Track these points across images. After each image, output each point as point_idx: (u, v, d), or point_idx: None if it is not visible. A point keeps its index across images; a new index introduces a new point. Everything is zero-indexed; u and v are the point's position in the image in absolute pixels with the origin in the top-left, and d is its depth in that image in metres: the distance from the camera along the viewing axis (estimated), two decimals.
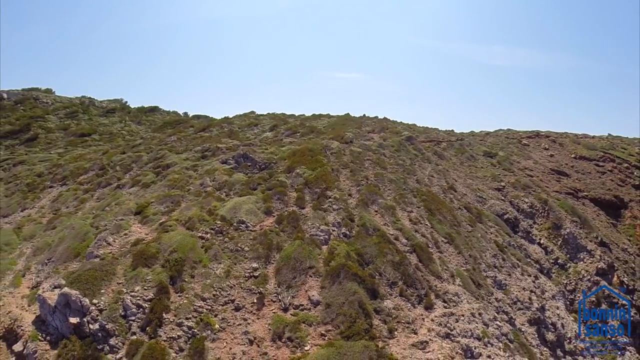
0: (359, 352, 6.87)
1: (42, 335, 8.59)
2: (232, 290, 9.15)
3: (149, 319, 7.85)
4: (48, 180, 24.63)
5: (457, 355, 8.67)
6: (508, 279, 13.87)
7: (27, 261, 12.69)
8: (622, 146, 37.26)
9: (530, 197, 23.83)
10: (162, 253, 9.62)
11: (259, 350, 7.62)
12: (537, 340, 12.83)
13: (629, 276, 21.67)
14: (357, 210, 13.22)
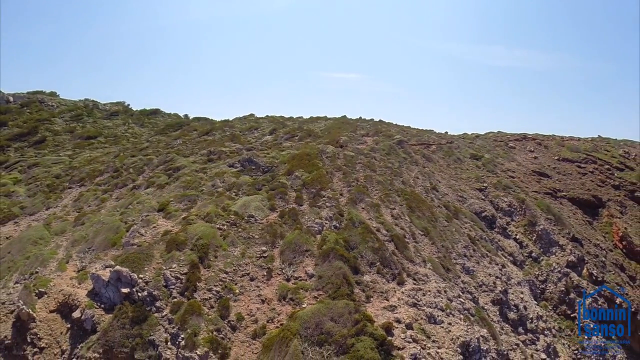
0: (342, 307, 9.64)
1: (96, 304, 11.38)
2: (247, 266, 11.95)
3: (186, 287, 10.62)
4: (66, 182, 27.38)
5: (421, 319, 11.47)
6: (476, 266, 16.69)
7: (66, 251, 15.44)
8: (605, 148, 40.10)
9: (509, 197, 26.66)
10: (189, 240, 12.41)
11: (268, 307, 10.42)
12: (499, 317, 15.65)
13: (598, 269, 24.46)
14: (347, 207, 16.03)
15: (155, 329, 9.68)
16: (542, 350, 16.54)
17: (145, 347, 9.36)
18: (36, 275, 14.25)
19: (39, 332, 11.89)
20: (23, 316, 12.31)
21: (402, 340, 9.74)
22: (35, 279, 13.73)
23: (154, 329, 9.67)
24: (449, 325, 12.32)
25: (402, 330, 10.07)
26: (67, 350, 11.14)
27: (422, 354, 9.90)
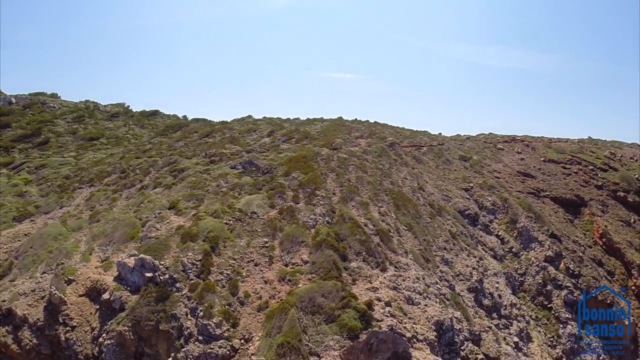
0: (331, 287, 11.86)
1: (123, 287, 13.59)
2: (252, 254, 14.17)
3: (201, 270, 12.82)
4: (76, 182, 29.53)
5: (400, 300, 13.71)
6: (454, 258, 18.97)
7: (88, 245, 17.63)
8: (591, 150, 42.44)
9: (493, 196, 28.99)
10: (201, 233, 14.62)
11: (270, 287, 12.65)
12: (474, 303, 17.92)
13: (575, 263, 26.72)
14: (338, 205, 18.27)
15: (176, 305, 11.89)
16: (514, 334, 18.80)
17: (168, 320, 11.57)
18: (62, 266, 16.42)
19: (70, 313, 14.08)
20: (55, 300, 14.48)
21: (381, 314, 11.98)
22: (62, 269, 15.90)
23: (176, 305, 11.87)
24: (425, 307, 14.58)
25: (381, 307, 12.31)
26: (96, 328, 13.33)
27: (398, 326, 12.15)
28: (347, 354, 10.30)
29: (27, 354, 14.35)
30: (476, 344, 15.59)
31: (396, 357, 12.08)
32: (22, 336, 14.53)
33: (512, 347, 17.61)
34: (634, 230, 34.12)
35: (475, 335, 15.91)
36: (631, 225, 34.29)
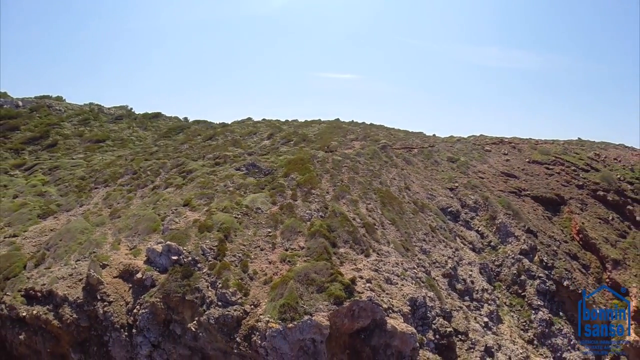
0: (322, 266, 15.29)
1: (153, 269, 17.03)
2: (258, 242, 17.61)
3: (218, 253, 16.25)
4: (92, 183, 32.97)
5: (379, 279, 17.15)
6: (432, 249, 22.43)
7: (114, 236, 21.07)
8: (575, 151, 45.95)
9: (475, 195, 32.48)
10: (215, 225, 18.05)
11: (274, 266, 16.07)
12: (447, 287, 21.38)
13: (549, 256, 30.16)
14: (331, 202, 21.73)
15: (198, 280, 15.32)
16: (485, 315, 22.25)
17: (192, 292, 15.00)
18: (95, 254, 19.85)
19: (107, 291, 17.51)
20: (92, 281, 17.92)
21: (362, 288, 15.43)
22: (96, 256, 19.33)
23: (198, 280, 15.30)
24: (402, 286, 18.04)
25: (363, 283, 15.76)
26: (130, 302, 16.77)
27: (376, 298, 15.61)
28: (334, 316, 13.73)
29: (67, 327, 17.75)
30: (447, 319, 19.03)
31: (374, 324, 15.54)
32: (63, 312, 17.92)
33: (481, 325, 21.05)
34: (612, 227, 37.47)
35: (446, 312, 19.36)
36: (609, 223, 37.60)
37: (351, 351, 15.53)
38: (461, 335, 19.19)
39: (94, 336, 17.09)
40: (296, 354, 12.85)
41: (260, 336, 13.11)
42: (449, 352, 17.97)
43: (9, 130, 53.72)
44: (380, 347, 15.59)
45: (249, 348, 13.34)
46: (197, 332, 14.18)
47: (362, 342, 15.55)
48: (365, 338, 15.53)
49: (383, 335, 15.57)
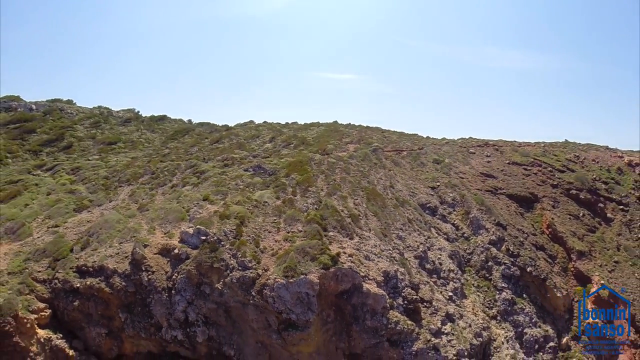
0: (315, 243, 21.76)
1: (186, 246, 23.52)
2: (266, 227, 24.09)
3: (236, 234, 22.71)
4: (115, 182, 39.46)
5: (360, 256, 23.61)
6: (407, 236, 28.91)
7: (149, 225, 27.54)
8: (554, 153, 52.41)
9: (454, 193, 38.97)
10: (232, 214, 24.53)
11: (279, 244, 22.56)
12: (417, 266, 27.83)
13: (515, 246, 36.53)
14: (324, 198, 28.23)
15: (223, 253, 21.80)
16: (449, 291, 28.69)
17: (218, 261, 21.46)
18: (135, 237, 26.31)
19: (150, 264, 23.97)
20: (137, 257, 24.39)
21: (345, 260, 21.92)
22: (137, 239, 25.79)
23: (222, 253, 21.78)
24: (378, 262, 24.51)
25: (346, 257, 22.25)
26: (169, 271, 23.26)
27: (356, 268, 22.08)
28: (322, 277, 20.19)
29: (117, 293, 24.21)
30: (414, 290, 25.49)
31: (354, 287, 22.01)
32: (113, 281, 24.39)
33: (445, 297, 27.50)
34: (581, 223, 43.98)
35: (414, 284, 25.82)
36: (579, 219, 44.09)
37: (336, 308, 22.02)
38: (426, 303, 25.65)
39: (139, 299, 23.58)
40: (295, 302, 19.34)
41: (269, 289, 19.60)
42: (415, 315, 24.42)
43: (26, 133, 60.12)
44: (358, 305, 22.08)
45: (260, 299, 19.84)
46: (222, 290, 20.68)
47: (344, 301, 22.05)
48: (347, 298, 22.03)
49: (360, 296, 22.05)
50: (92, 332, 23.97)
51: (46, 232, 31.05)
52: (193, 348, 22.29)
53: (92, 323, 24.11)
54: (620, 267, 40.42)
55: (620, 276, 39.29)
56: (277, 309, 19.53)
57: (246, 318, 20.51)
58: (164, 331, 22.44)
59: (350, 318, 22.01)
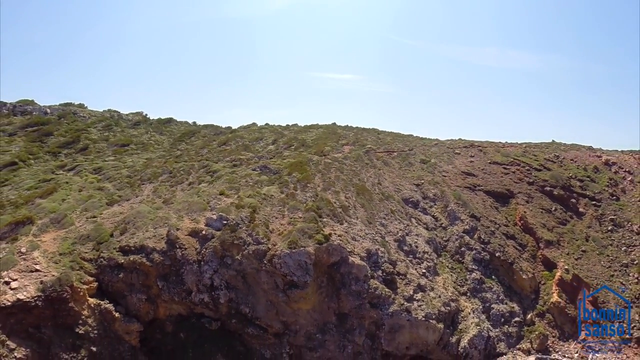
0: (312, 225, 30.30)
1: (211, 229, 32.10)
2: (274, 214, 32.69)
3: (250, 219, 31.29)
4: (138, 180, 47.96)
5: (347, 237, 32.15)
6: (389, 224, 37.45)
7: (176, 214, 36.05)
8: (533, 153, 60.93)
9: (435, 189, 47.52)
10: (245, 205, 33.13)
11: (284, 226, 31.08)
12: (396, 247, 36.33)
13: (487, 235, 45.03)
14: (320, 192, 36.80)
15: (241, 233, 30.36)
16: (423, 268, 37.14)
17: (238, 239, 30.04)
18: (167, 224, 34.78)
19: (183, 242, 32.51)
20: (172, 237, 32.94)
21: (335, 239, 30.50)
22: (169, 225, 34.27)
23: (240, 233, 30.35)
24: (362, 242, 33.03)
25: (336, 237, 30.83)
26: (198, 248, 31.82)
27: (343, 245, 30.62)
28: (317, 250, 28.74)
29: (156, 266, 32.71)
30: (392, 265, 34.00)
31: (342, 260, 30.55)
32: (153, 257, 32.90)
33: (419, 273, 35.98)
34: (553, 216, 52.48)
35: (392, 261, 34.34)
36: (551, 212, 52.58)
37: (328, 275, 30.58)
38: (401, 275, 34.17)
39: (173, 270, 32.09)
40: (296, 267, 27.89)
41: (277, 258, 28.16)
42: (392, 284, 32.94)
43: (44, 136, 68.69)
44: (345, 273, 30.62)
45: (270, 266, 28.40)
46: (241, 260, 29.23)
47: (334, 270, 30.60)
48: (336, 268, 30.59)
49: (347, 267, 30.58)
50: (134, 298, 32.38)
51: (86, 222, 39.57)
52: (216, 308, 30.82)
53: (134, 291, 32.57)
54: (587, 255, 48.92)
55: (586, 263, 47.80)
56: (283, 272, 28.13)
57: (259, 281, 29.08)
58: (194, 295, 30.97)
59: (339, 284, 30.58)
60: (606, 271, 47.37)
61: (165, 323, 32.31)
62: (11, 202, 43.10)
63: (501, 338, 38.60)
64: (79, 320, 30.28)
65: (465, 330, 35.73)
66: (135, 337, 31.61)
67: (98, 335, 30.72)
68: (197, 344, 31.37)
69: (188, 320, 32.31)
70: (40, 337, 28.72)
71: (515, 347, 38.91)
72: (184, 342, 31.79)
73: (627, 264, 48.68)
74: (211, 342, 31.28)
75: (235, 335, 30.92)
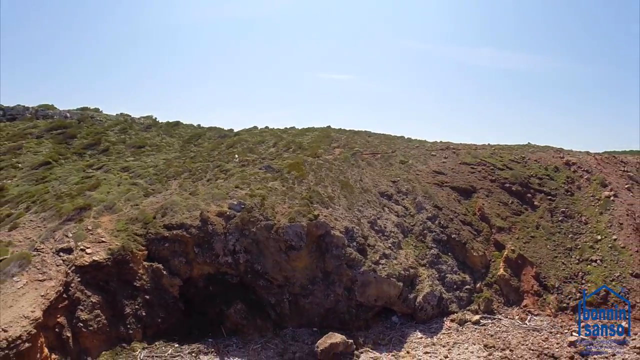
0: (304, 209, 49.38)
1: (233, 211, 51.24)
2: (278, 201, 52.18)
3: (261, 204, 50.53)
4: (164, 177, 66.85)
5: (331, 217, 51.27)
6: (365, 210, 56.55)
7: (204, 202, 55.11)
8: (500, 154, 79.98)
9: (408, 185, 66.62)
10: (256, 195, 52.27)
11: (285, 208, 50.19)
12: (369, 227, 55.40)
13: (446, 221, 63.94)
14: (312, 187, 56.05)
15: (255, 213, 49.72)
16: (390, 243, 56.09)
17: (252, 217, 49.48)
18: (198, 208, 53.67)
19: (212, 220, 51.60)
20: (204, 216, 52.22)
21: (321, 218, 49.71)
22: (200, 208, 53.18)
23: (255, 212, 49.64)
24: (342, 222, 52.22)
25: (322, 217, 50.18)
26: (223, 224, 50.94)
27: (328, 222, 49.73)
28: (309, 224, 48.03)
29: (193, 237, 51.96)
30: (364, 239, 53.06)
31: (326, 232, 49.73)
32: (190, 231, 52.11)
33: (385, 245, 54.97)
34: (509, 208, 71.63)
35: (364, 236, 53.46)
36: (507, 205, 71.68)
37: (317, 244, 49.90)
38: (371, 247, 53.24)
39: (205, 240, 51.19)
40: (294, 235, 47.17)
41: (281, 229, 47.49)
42: (363, 252, 52.18)
43: (69, 138, 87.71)
44: (328, 242, 49.88)
45: (276, 235, 47.59)
46: (255, 232, 48.34)
47: (321, 240, 49.87)
48: (322, 238, 49.91)
49: (330, 238, 49.75)
50: (175, 261, 51.43)
51: (131, 208, 58.59)
52: (236, 267, 49.89)
53: (176, 256, 51.61)
54: (534, 240, 67.91)
55: (532, 247, 66.76)
56: (284, 239, 47.36)
57: (268, 246, 48.20)
58: (220, 258, 50.04)
59: (324, 250, 49.68)
60: (550, 253, 66.25)
61: (198, 280, 51.37)
62: (65, 194, 62.10)
63: (453, 300, 57.55)
64: (136, 276, 49.10)
65: (421, 290, 54.67)
66: (176, 289, 50.63)
67: (150, 287, 49.71)
68: (222, 294, 50.38)
69: (215, 277, 51.33)
70: (108, 288, 47.46)
71: (465, 309, 57.74)
72: (212, 293, 50.76)
73: (571, 248, 67.43)
74: (232, 292, 50.38)
75: (250, 287, 50.01)
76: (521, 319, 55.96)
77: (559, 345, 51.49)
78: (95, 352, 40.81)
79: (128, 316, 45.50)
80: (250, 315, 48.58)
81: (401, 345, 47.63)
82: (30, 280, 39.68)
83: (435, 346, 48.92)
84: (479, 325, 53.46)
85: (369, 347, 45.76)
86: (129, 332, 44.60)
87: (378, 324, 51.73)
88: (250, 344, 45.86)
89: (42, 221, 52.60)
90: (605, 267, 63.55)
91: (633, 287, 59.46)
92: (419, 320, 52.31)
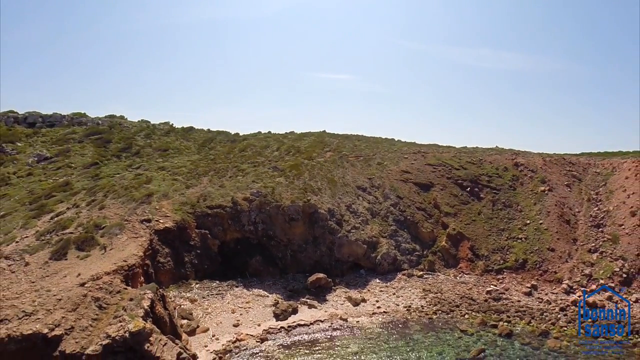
0: (301, 196, 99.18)
1: (255, 196, 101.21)
2: (283, 190, 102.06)
3: (272, 192, 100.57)
4: (195, 175, 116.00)
5: (319, 202, 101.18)
6: (344, 198, 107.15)
7: (232, 191, 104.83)
8: (459, 157, 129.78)
9: (380, 181, 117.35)
10: (268, 186, 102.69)
11: (288, 196, 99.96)
12: (346, 209, 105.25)
13: (405, 207, 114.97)
14: (307, 182, 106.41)
15: (269, 197, 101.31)
16: (360, 220, 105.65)
17: (268, 200, 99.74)
18: (229, 195, 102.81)
19: (240, 202, 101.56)
20: (234, 200, 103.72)
21: (313, 201, 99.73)
22: (229, 194, 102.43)
23: (269, 197, 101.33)
24: (326, 205, 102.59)
25: (313, 201, 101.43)
26: (248, 205, 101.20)
27: (316, 204, 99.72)
28: (304, 205, 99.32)
29: (227, 213, 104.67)
30: (341, 216, 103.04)
31: (315, 211, 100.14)
32: (226, 209, 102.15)
33: (356, 222, 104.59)
34: (458, 199, 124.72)
35: (342, 215, 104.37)
36: (457, 197, 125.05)
37: (309, 218, 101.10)
38: (346, 222, 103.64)
39: (235, 215, 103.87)
40: (294, 211, 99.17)
41: (287, 207, 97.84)
42: (340, 224, 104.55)
43: (106, 142, 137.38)
44: (317, 217, 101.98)
45: (283, 211, 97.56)
46: (269, 210, 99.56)
47: (312, 215, 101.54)
48: (313, 215, 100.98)
49: (317, 214, 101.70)
50: (215, 229, 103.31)
51: (179, 196, 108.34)
52: (256, 233, 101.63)
53: (216, 226, 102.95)
54: (474, 223, 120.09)
55: (472, 227, 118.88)
56: (288, 213, 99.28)
57: (277, 219, 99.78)
58: (245, 227, 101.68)
59: (313, 222, 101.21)
60: (485, 232, 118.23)
61: (230, 242, 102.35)
62: (130, 186, 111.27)
63: (405, 262, 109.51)
64: (191, 238, 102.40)
65: (380, 251, 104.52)
66: (216, 247, 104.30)
67: (199, 245, 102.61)
68: (246, 251, 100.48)
69: (242, 240, 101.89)
70: (174, 245, 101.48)
71: (414, 268, 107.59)
72: (240, 250, 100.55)
73: (504, 229, 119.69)
74: (253, 250, 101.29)
75: (265, 246, 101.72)
76: (455, 276, 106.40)
77: (478, 292, 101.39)
78: (166, 284, 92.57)
79: (186, 263, 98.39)
80: (265, 264, 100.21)
81: (365, 287, 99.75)
82: (129, 237, 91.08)
83: (388, 288, 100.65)
84: (422, 278, 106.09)
85: (342, 286, 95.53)
86: (187, 273, 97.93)
87: (350, 274, 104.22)
88: (265, 281, 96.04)
89: (122, 204, 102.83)
90: (528, 243, 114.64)
91: (547, 258, 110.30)
92: (379, 273, 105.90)
